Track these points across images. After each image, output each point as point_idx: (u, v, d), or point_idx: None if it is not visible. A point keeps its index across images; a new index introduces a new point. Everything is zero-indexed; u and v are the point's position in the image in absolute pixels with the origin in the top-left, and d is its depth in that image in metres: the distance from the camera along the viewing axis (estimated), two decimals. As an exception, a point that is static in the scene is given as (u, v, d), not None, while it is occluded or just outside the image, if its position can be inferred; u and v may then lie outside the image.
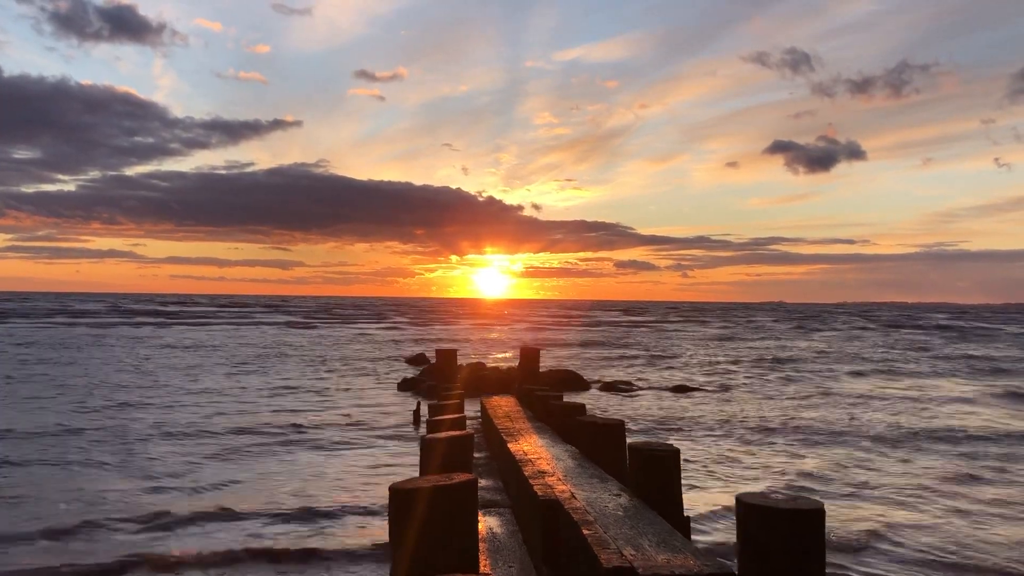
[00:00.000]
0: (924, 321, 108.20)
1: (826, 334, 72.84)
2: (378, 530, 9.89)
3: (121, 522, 10.17)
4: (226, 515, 10.60)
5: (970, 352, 46.97)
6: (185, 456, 14.58)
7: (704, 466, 14.36)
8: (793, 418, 20.41)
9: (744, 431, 18.28)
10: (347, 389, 26.17)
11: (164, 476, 12.90)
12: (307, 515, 10.69)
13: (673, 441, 16.22)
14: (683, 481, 6.42)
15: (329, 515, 10.72)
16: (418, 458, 8.15)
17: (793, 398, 24.97)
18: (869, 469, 14.21)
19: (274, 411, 20.68)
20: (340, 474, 13.36)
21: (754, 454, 15.68)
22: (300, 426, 18.24)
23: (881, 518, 10.87)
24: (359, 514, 10.80)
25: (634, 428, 18.14)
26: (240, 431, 17.36)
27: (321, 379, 29.15)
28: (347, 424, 18.70)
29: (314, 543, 9.48)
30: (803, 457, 15.32)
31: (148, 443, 15.75)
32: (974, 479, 13.43)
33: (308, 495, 11.80)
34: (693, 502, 11.18)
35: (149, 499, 11.38)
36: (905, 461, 14.98)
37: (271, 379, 28.79)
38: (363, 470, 13.74)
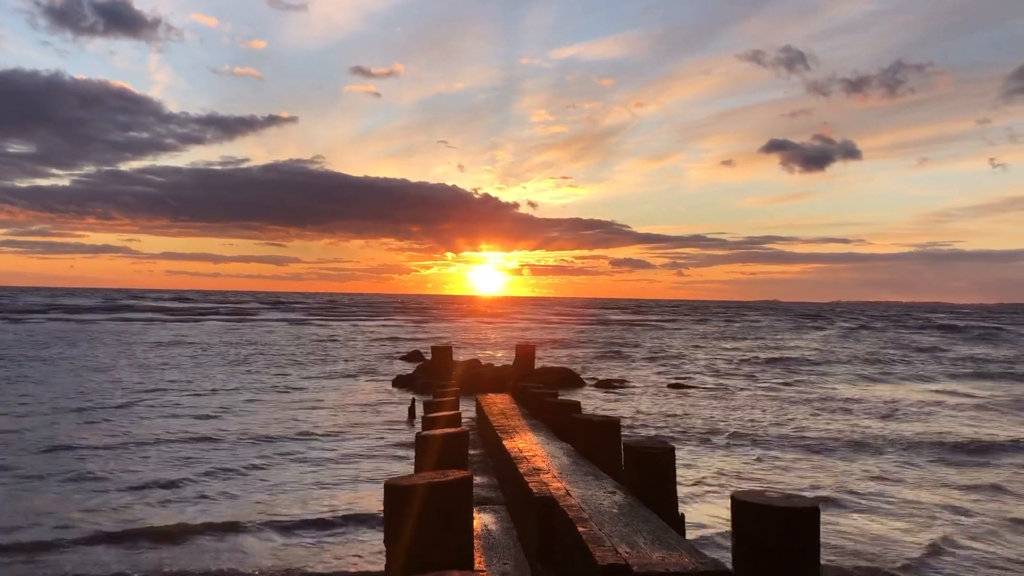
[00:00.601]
0: (925, 321, 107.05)
1: (827, 333, 72.81)
2: (368, 545, 9.40)
3: (93, 537, 9.46)
4: (207, 528, 9.83)
5: (979, 354, 46.09)
6: (167, 464, 13.56)
7: (696, 464, 14.36)
8: (794, 420, 20.33)
9: (742, 431, 18.27)
10: (342, 386, 26.14)
11: (143, 486, 11.95)
12: (297, 525, 10.07)
13: (668, 439, 16.23)
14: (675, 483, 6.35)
15: (320, 523, 10.15)
16: (413, 455, 8.13)
17: (794, 401, 24.94)
18: (896, 481, 13.35)
19: (265, 408, 20.64)
20: (332, 474, 13.21)
21: (754, 456, 15.66)
22: (291, 424, 18.21)
23: (928, 532, 10.23)
24: (352, 521, 10.32)
25: (628, 426, 18.15)
26: (227, 433, 17.09)
27: (315, 376, 29.11)
28: (341, 421, 18.68)
29: (302, 555, 8.98)
30: (811, 464, 14.76)
31: (129, 450, 14.73)
32: (1009, 493, 12.56)
33: (298, 501, 11.28)
34: (687, 502, 11.17)
35: (125, 513, 10.52)
36: (935, 471, 14.21)
37: (264, 377, 28.75)
38: (357, 468, 13.70)
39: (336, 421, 18.59)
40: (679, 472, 7.14)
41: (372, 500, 11.17)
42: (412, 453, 9.31)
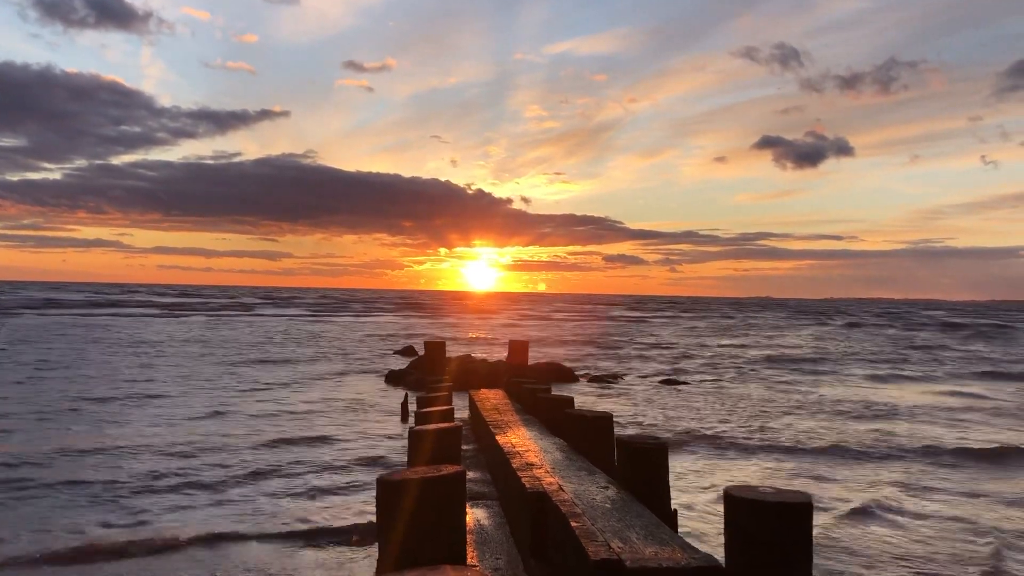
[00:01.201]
0: (925, 318, 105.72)
1: (824, 329, 72.77)
2: (360, 549, 9.09)
3: (72, 554, 8.83)
4: (191, 542, 9.26)
5: (986, 352, 45.34)
6: (148, 471, 12.63)
7: (689, 460, 14.37)
8: (791, 419, 20.22)
9: (736, 428, 18.29)
10: (334, 381, 26.09)
11: (124, 495, 11.23)
12: (286, 533, 9.68)
13: (661, 435, 16.23)
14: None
15: (310, 529, 9.81)
16: (406, 451, 8.11)
17: (792, 399, 24.86)
18: (923, 489, 12.41)
19: (254, 406, 20.54)
20: (323, 473, 12.96)
21: (749, 454, 15.67)
22: (281, 422, 18.15)
23: (977, 547, 9.52)
24: (344, 524, 10.00)
25: (621, 422, 18.16)
26: (214, 433, 16.78)
27: (307, 372, 29.03)
28: (333, 418, 18.64)
29: (290, 564, 8.61)
30: (812, 465, 14.11)
31: (108, 456, 13.68)
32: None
33: (287, 506, 10.86)
34: (680, 498, 11.16)
35: (105, 524, 9.88)
36: (960, 478, 13.25)
37: (255, 373, 28.65)
38: (349, 466, 13.61)
39: (328, 418, 18.54)
40: (672, 468, 7.12)
41: (363, 502, 10.94)
42: (405, 449, 9.22)
